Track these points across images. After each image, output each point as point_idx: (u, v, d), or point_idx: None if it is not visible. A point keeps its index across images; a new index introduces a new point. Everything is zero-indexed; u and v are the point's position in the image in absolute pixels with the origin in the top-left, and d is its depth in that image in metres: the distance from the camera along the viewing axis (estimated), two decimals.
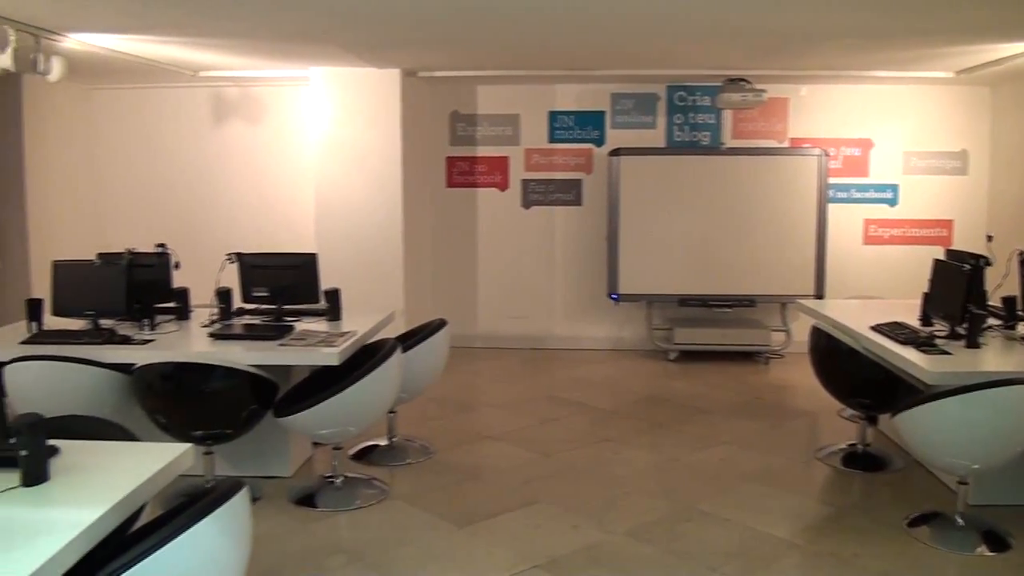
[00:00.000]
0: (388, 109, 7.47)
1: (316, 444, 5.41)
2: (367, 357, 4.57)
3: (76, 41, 5.77)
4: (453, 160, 8.63)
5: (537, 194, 8.57)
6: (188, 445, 2.85)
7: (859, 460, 5.30)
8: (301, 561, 4.03)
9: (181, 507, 2.52)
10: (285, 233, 8.21)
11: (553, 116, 8.47)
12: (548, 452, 5.52)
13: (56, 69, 5.58)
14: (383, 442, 5.51)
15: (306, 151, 7.99)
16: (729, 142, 8.23)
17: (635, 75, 7.85)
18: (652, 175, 8.01)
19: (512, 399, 6.88)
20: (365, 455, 5.39)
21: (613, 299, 8.10)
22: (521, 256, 8.65)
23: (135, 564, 2.19)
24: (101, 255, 5.47)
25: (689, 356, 8.06)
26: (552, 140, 8.50)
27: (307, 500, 4.69)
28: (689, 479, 5.06)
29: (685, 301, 8.06)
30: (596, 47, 6.31)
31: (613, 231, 8.03)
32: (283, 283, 5.24)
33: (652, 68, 7.46)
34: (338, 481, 4.81)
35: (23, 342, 4.67)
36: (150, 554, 2.21)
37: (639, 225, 8.01)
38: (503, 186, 8.60)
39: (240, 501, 2.55)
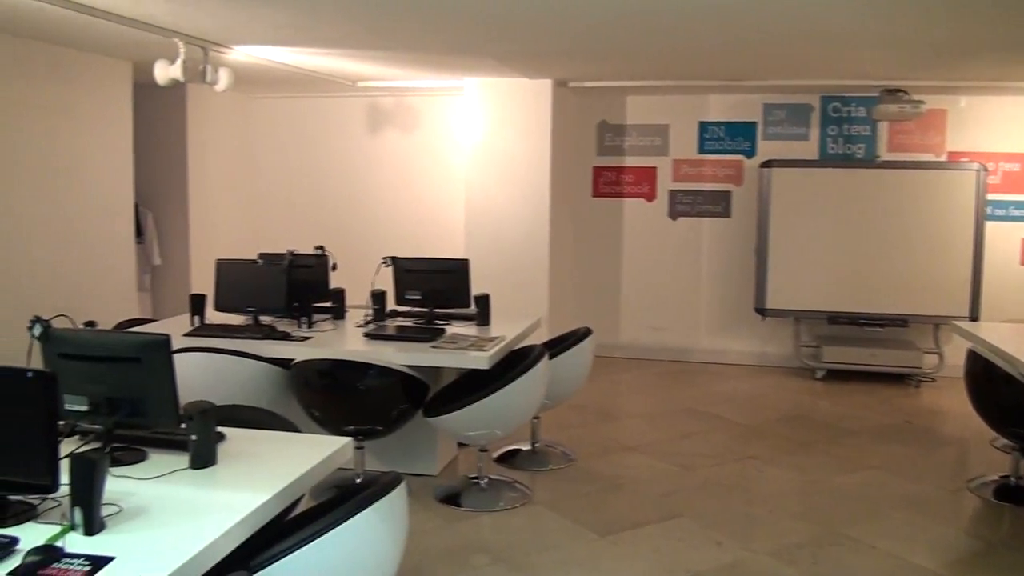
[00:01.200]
0: (539, 119, 7.54)
1: (461, 445, 5.50)
2: (515, 362, 4.63)
3: (242, 53, 6.04)
4: (600, 170, 8.64)
5: (684, 205, 8.49)
6: (348, 439, 2.95)
7: (1012, 493, 5.02)
8: (445, 558, 4.11)
9: (337, 498, 2.61)
10: (435, 239, 8.38)
11: (703, 126, 8.37)
12: (689, 466, 5.46)
13: (223, 80, 5.88)
14: (526, 447, 5.56)
15: (458, 159, 8.14)
16: (884, 155, 7.94)
17: (788, 85, 7.67)
18: (804, 188, 7.82)
19: (653, 411, 6.83)
20: (508, 458, 5.45)
21: (760, 314, 7.94)
22: (666, 267, 8.57)
23: (297, 549, 2.30)
24: (263, 255, 5.71)
25: (836, 375, 7.82)
26: (701, 151, 8.40)
27: (452, 499, 4.78)
28: (834, 502, 4.91)
29: (834, 318, 7.81)
30: (748, 56, 6.21)
31: (762, 244, 7.88)
32: (435, 287, 5.36)
33: (805, 78, 7.28)
34: (483, 482, 4.89)
35: (186, 334, 4.91)
36: (311, 541, 2.31)
37: (789, 239, 7.83)
38: (650, 197, 8.55)
39: (399, 495, 2.63)
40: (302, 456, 2.76)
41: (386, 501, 2.53)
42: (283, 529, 2.44)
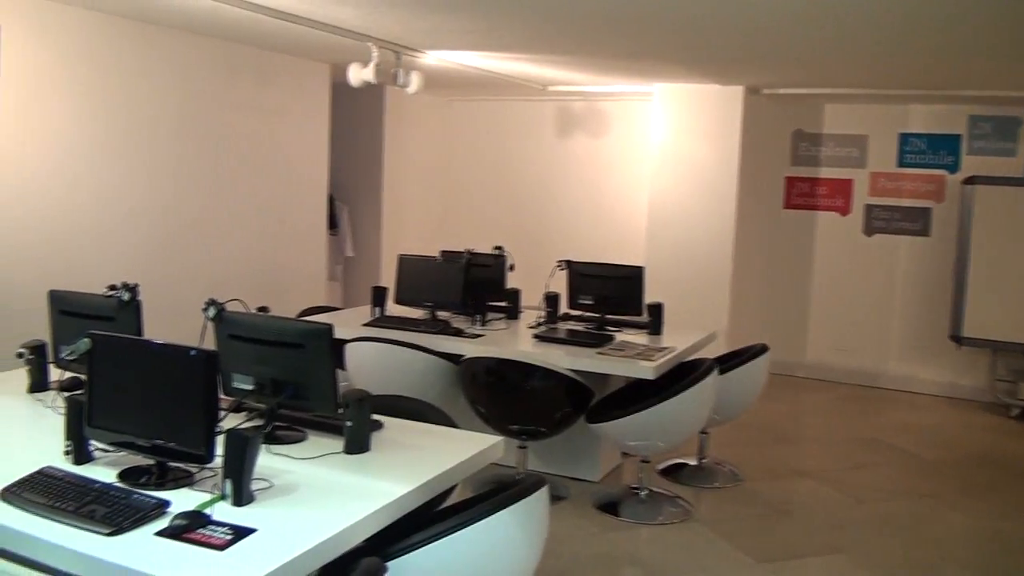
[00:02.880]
0: (729, 126, 7.36)
1: (625, 454, 5.44)
2: (683, 374, 4.53)
3: (434, 57, 6.22)
4: (793, 180, 8.34)
5: (881, 221, 8.07)
6: (499, 437, 2.97)
7: None
8: (595, 566, 4.07)
9: (485, 495, 2.62)
10: (616, 245, 8.33)
11: (904, 138, 7.92)
12: (861, 498, 5.17)
13: (414, 83, 6.07)
14: (692, 462, 5.44)
15: (644, 166, 8.07)
16: None
17: (996, 96, 7.12)
18: (1009, 208, 7.24)
19: (830, 436, 6.53)
20: (673, 472, 5.35)
21: (954, 342, 7.44)
22: (858, 285, 8.17)
23: (429, 543, 2.33)
24: (444, 253, 5.86)
25: None
26: (901, 164, 7.95)
27: (610, 507, 4.74)
28: (1011, 555, 4.52)
29: None
30: (954, 64, 5.82)
31: (961, 267, 7.38)
32: (608, 293, 5.34)
33: (1015, 89, 6.76)
34: (643, 494, 4.81)
35: (365, 324, 5.13)
36: (444, 536, 2.34)
37: (991, 262, 7.27)
38: (844, 210, 8.18)
39: (539, 499, 2.62)
40: (453, 451, 2.81)
41: (524, 504, 2.52)
42: (422, 521, 2.48)
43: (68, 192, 5.14)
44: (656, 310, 5.27)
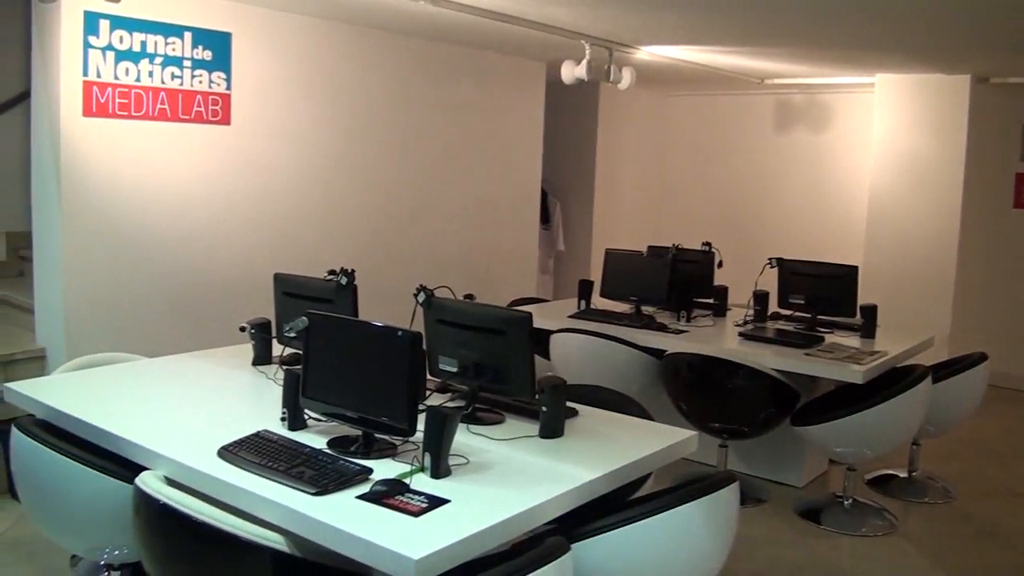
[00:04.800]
0: (954, 118, 6.93)
1: (832, 462, 5.27)
2: (895, 380, 4.35)
3: (647, 53, 6.23)
4: None
5: None
6: (692, 432, 2.98)
7: None
8: (791, 572, 3.98)
9: (675, 487, 2.65)
10: (831, 243, 8.05)
11: None
12: None
13: (626, 79, 6.13)
14: (902, 474, 5.19)
15: (864, 160, 7.74)
16: None
17: None
18: None
19: None
20: (881, 483, 5.12)
21: None
22: None
23: (614, 529, 2.39)
24: (651, 248, 5.87)
25: None
26: None
27: (812, 514, 4.61)
28: None
29: None
30: None
31: None
32: (820, 293, 5.18)
33: None
34: (847, 503, 4.65)
35: (570, 316, 5.25)
36: (631, 523, 2.40)
37: None
38: None
39: (728, 495, 2.62)
40: (645, 441, 2.85)
41: (713, 498, 2.52)
42: (611, 507, 2.53)
43: (294, 186, 5.54)
44: (870, 312, 5.06)
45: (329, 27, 5.60)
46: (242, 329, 3.66)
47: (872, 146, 7.39)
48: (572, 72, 5.90)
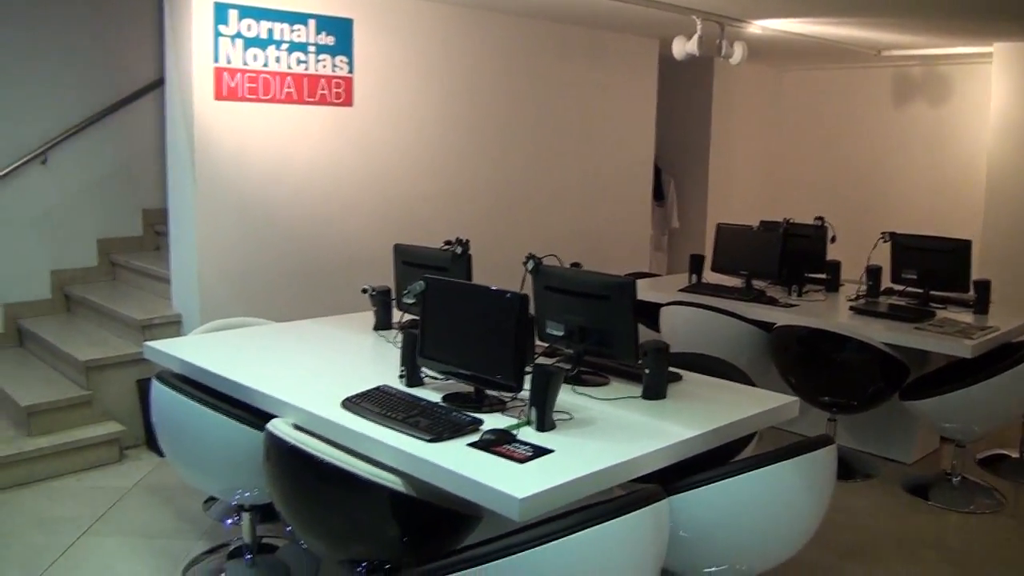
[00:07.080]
0: None
1: (944, 439, 5.22)
2: (1006, 356, 4.29)
3: (758, 27, 6.20)
4: None
5: None
6: (793, 398, 3.05)
7: None
8: (896, 545, 4.00)
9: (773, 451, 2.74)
10: (948, 219, 7.87)
11: None
12: None
13: (737, 53, 6.12)
14: (1014, 455, 5.10)
15: (983, 132, 7.53)
16: None
17: None
18: None
19: None
20: (992, 463, 5.04)
21: None
22: None
23: (711, 483, 2.50)
24: (763, 223, 5.88)
25: None
26: None
27: (920, 491, 4.59)
28: None
29: None
30: None
31: None
32: (933, 267, 5.12)
33: None
34: (956, 480, 4.61)
35: (681, 290, 5.35)
36: (726, 478, 2.50)
37: None
38: None
39: (826, 455, 2.69)
40: (745, 404, 2.95)
41: (808, 458, 2.60)
42: (707, 464, 2.64)
43: (412, 164, 5.77)
44: (983, 287, 4.98)
45: (446, 11, 5.79)
46: (364, 291, 3.90)
47: (990, 118, 7.20)
48: (683, 48, 5.93)
